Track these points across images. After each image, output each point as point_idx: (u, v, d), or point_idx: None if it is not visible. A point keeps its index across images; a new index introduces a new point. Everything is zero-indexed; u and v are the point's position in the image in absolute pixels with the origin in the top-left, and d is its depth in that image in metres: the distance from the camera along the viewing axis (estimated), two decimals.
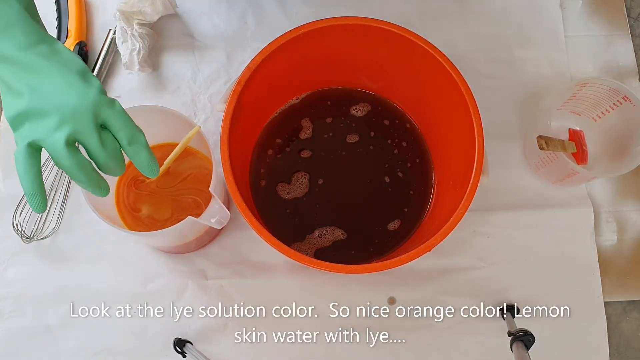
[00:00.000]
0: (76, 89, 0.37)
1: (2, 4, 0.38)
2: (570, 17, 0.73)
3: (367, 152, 0.65)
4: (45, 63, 0.38)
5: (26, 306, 0.62)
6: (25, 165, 0.37)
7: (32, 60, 0.38)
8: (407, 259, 0.49)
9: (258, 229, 0.50)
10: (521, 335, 0.53)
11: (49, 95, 0.37)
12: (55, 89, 0.37)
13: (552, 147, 0.60)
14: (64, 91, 0.37)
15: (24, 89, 0.37)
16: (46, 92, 0.37)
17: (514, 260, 0.64)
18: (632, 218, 0.67)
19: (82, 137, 0.38)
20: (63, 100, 0.37)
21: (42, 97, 0.37)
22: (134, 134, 0.40)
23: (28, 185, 0.37)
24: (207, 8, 0.72)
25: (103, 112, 0.38)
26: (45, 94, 0.37)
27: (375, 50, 0.60)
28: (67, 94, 0.37)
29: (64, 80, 0.38)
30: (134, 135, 0.40)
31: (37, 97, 0.37)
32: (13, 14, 0.38)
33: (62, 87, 0.37)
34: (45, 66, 0.38)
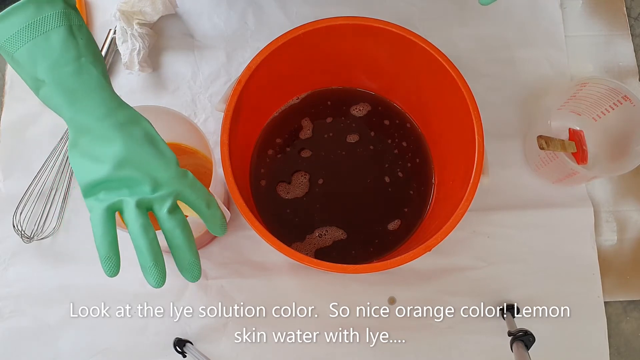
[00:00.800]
0: (156, 161, 0.39)
1: (84, 72, 0.38)
2: (570, 17, 0.73)
3: (367, 152, 0.65)
4: (124, 133, 0.38)
5: (26, 306, 0.62)
6: (104, 230, 0.38)
7: (111, 130, 0.38)
8: (407, 259, 0.49)
9: (258, 228, 0.50)
10: (521, 335, 0.53)
11: (131, 166, 0.38)
12: (138, 161, 0.38)
13: (552, 147, 0.60)
14: (145, 164, 0.38)
15: (106, 157, 0.38)
16: (128, 163, 0.38)
17: (514, 260, 0.64)
18: (632, 218, 0.67)
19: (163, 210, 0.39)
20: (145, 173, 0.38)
21: (125, 167, 0.38)
22: (210, 198, 0.42)
23: (105, 249, 0.38)
24: (207, 8, 0.72)
25: (180, 185, 0.39)
26: (128, 164, 0.38)
27: (375, 50, 0.60)
28: (148, 167, 0.38)
29: (144, 152, 0.38)
30: (210, 200, 0.42)
31: (119, 166, 0.38)
32: (93, 83, 0.38)
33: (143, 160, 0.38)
34: (124, 136, 0.38)
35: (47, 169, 0.65)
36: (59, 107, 0.38)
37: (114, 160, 0.38)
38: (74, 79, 0.37)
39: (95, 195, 0.38)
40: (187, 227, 0.40)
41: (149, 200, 0.38)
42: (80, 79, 0.37)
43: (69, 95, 0.37)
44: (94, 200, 0.38)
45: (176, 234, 0.39)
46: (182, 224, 0.39)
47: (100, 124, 0.38)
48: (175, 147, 0.61)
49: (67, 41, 0.37)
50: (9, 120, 0.68)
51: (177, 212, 0.39)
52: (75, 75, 0.37)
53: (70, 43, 0.37)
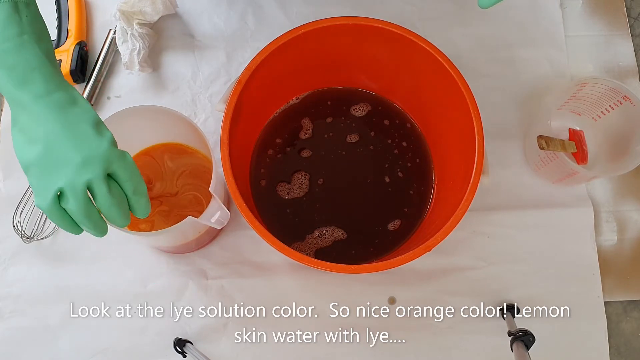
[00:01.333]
0: (89, 141, 0.38)
1: (24, 49, 0.38)
2: (570, 17, 0.73)
3: (367, 152, 0.65)
4: (60, 113, 0.38)
5: (26, 306, 0.62)
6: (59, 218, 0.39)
7: (47, 110, 0.38)
8: (407, 259, 0.49)
9: (258, 228, 0.50)
10: (521, 335, 0.53)
11: (62, 146, 0.38)
12: (69, 140, 0.38)
13: (552, 146, 0.60)
14: (77, 142, 0.38)
15: (38, 137, 0.38)
16: (59, 142, 0.38)
17: (514, 260, 0.64)
18: (632, 218, 0.67)
19: (93, 185, 0.38)
20: (76, 151, 0.38)
21: (56, 147, 0.38)
22: (139, 184, 0.41)
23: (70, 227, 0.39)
24: (207, 8, 0.72)
25: (113, 164, 0.39)
26: (59, 144, 0.38)
27: (375, 50, 0.60)
28: (81, 145, 0.38)
29: (78, 131, 0.38)
30: (138, 186, 0.41)
31: (50, 147, 0.38)
32: (34, 61, 0.38)
33: (75, 138, 0.38)
34: (59, 116, 0.38)
35: None
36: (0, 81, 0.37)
37: (46, 141, 0.37)
38: (14, 55, 0.37)
39: (32, 173, 0.38)
40: (119, 202, 0.40)
41: (82, 180, 0.38)
42: (21, 57, 0.37)
43: (7, 71, 0.37)
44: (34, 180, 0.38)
45: (107, 210, 0.39)
46: (113, 201, 0.39)
47: (37, 103, 0.38)
48: (176, 147, 0.61)
49: (10, 17, 0.37)
50: (9, 120, 0.68)
51: (108, 188, 0.39)
52: (15, 52, 0.37)
53: (13, 20, 0.37)
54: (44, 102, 0.38)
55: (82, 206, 0.38)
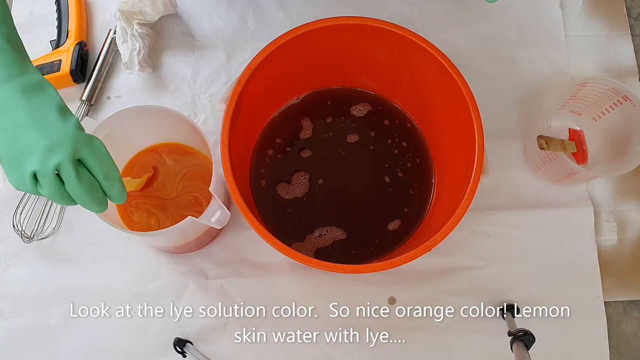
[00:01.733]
0: (54, 126, 0.38)
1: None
2: (570, 17, 0.73)
3: (367, 152, 0.65)
4: (23, 98, 0.37)
5: (26, 306, 0.62)
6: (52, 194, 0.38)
7: (10, 96, 0.37)
8: (407, 259, 0.49)
9: (258, 228, 0.50)
10: (521, 335, 0.53)
11: (27, 133, 0.37)
12: (34, 126, 0.37)
13: (552, 146, 0.60)
14: (42, 128, 0.37)
15: (3, 125, 0.37)
16: (24, 130, 0.37)
17: (514, 260, 0.64)
18: (632, 218, 0.67)
19: (61, 171, 0.38)
20: (42, 137, 0.37)
21: (21, 134, 0.37)
22: (110, 170, 0.41)
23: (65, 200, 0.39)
24: (207, 8, 0.72)
25: (81, 149, 0.39)
26: (24, 131, 0.37)
27: (375, 50, 0.60)
28: (46, 130, 0.37)
29: (43, 117, 0.38)
30: (109, 172, 0.41)
31: (16, 134, 0.37)
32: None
33: (40, 124, 0.37)
34: (23, 102, 0.37)
35: None
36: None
37: (11, 129, 0.37)
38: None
39: (3, 161, 0.38)
40: (89, 188, 0.39)
41: (50, 166, 0.38)
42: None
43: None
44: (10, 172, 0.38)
45: (76, 196, 0.39)
46: (82, 187, 0.39)
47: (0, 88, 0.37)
48: (176, 147, 0.61)
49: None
50: None
51: (76, 174, 0.39)
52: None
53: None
54: (6, 87, 0.37)
55: (55, 190, 0.38)
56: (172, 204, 0.60)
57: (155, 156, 0.61)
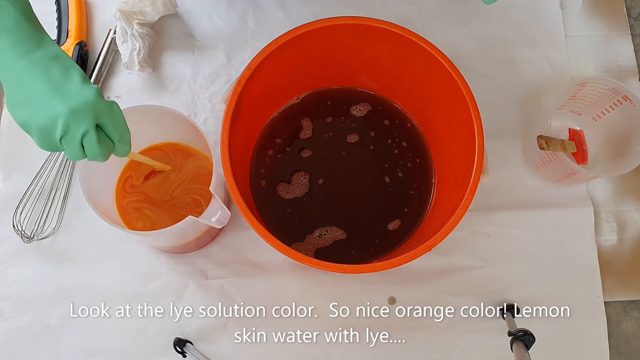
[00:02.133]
0: (77, 94, 0.39)
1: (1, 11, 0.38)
2: (570, 17, 0.73)
3: (367, 152, 0.65)
4: (41, 71, 0.39)
5: (26, 306, 0.62)
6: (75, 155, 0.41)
7: (30, 68, 0.38)
8: (407, 259, 0.49)
9: (258, 228, 0.50)
10: (521, 335, 0.53)
11: (50, 102, 0.38)
12: (56, 95, 0.38)
13: (552, 146, 0.60)
14: (65, 97, 0.39)
15: (26, 97, 0.38)
16: (47, 99, 0.38)
17: (514, 260, 0.64)
18: (632, 218, 0.67)
19: (85, 137, 0.40)
20: (65, 105, 0.38)
21: (45, 104, 0.38)
22: (124, 133, 0.43)
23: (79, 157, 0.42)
24: (207, 8, 0.72)
25: (101, 116, 0.41)
26: (47, 100, 0.38)
27: (375, 50, 0.60)
28: (69, 99, 0.39)
29: (64, 86, 0.39)
30: (123, 135, 0.43)
31: (39, 104, 0.38)
32: (9, 20, 0.38)
33: (62, 94, 0.39)
34: (44, 73, 0.38)
35: (47, 169, 0.65)
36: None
37: (35, 99, 0.38)
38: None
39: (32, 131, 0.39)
40: (106, 150, 0.42)
41: (77, 133, 0.39)
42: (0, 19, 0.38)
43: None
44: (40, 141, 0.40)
45: (92, 153, 0.41)
46: (101, 150, 0.41)
47: (19, 63, 0.38)
48: (176, 146, 0.61)
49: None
50: (9, 120, 0.68)
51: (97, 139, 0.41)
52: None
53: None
54: (24, 62, 0.38)
55: (78, 152, 0.41)
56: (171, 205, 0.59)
57: (157, 154, 0.61)
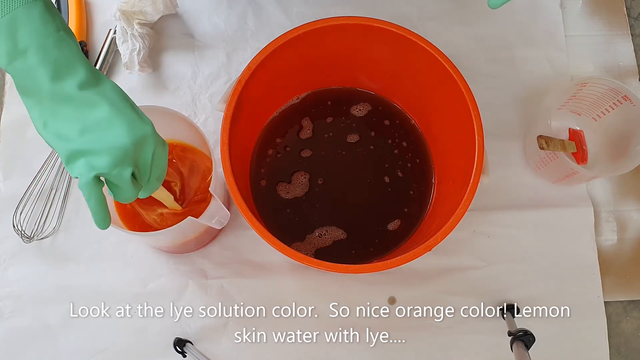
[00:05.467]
0: (138, 125, 0.40)
1: (64, 44, 0.38)
2: (570, 17, 0.73)
3: (367, 152, 0.65)
4: (107, 101, 0.39)
5: (26, 306, 0.62)
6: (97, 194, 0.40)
7: (95, 97, 0.39)
8: (407, 259, 0.49)
9: (258, 228, 0.50)
10: (521, 335, 0.53)
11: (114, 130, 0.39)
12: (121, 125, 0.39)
13: (552, 146, 0.60)
14: (129, 127, 0.39)
15: (90, 125, 0.38)
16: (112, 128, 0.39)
17: (514, 260, 0.64)
18: (632, 218, 0.67)
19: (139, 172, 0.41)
20: (128, 135, 0.39)
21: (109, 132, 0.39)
22: (163, 172, 0.44)
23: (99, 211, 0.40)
24: (207, 8, 0.72)
25: (157, 150, 0.41)
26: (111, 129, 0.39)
27: (375, 50, 0.60)
28: (132, 129, 0.39)
29: (126, 116, 0.39)
30: (162, 173, 0.44)
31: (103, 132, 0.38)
32: (74, 54, 0.39)
33: (126, 123, 0.39)
34: (108, 104, 0.39)
35: (47, 169, 0.65)
36: (39, 78, 0.38)
37: (99, 126, 0.38)
38: (56, 50, 0.38)
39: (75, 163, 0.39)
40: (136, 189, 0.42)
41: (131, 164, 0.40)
42: (62, 51, 0.38)
43: (52, 65, 0.37)
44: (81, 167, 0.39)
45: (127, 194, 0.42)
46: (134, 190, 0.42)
47: (84, 93, 0.38)
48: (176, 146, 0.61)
49: (45, 14, 0.38)
50: (9, 120, 0.68)
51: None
52: (57, 47, 0.38)
53: (48, 16, 0.38)
54: (91, 91, 0.39)
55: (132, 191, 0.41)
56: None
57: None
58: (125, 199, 0.42)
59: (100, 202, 0.40)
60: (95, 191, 0.40)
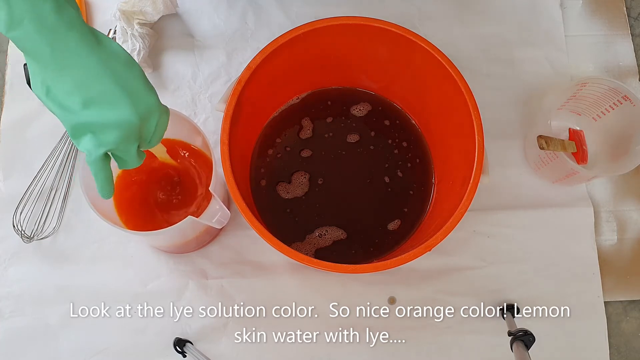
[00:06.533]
0: (142, 100, 0.40)
1: (62, 9, 0.37)
2: (570, 17, 0.73)
3: (367, 151, 0.66)
4: (107, 72, 0.38)
5: (26, 306, 0.62)
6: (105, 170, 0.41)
7: (95, 69, 0.38)
8: (407, 258, 0.49)
9: (258, 228, 0.50)
10: (521, 335, 0.53)
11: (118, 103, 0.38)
12: (124, 96, 0.39)
13: (552, 146, 0.60)
14: (132, 99, 0.39)
15: (86, 98, 0.38)
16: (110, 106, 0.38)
17: (514, 260, 0.64)
18: (632, 218, 0.67)
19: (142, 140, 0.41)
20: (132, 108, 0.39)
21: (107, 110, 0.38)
22: (164, 132, 0.44)
23: (105, 185, 0.42)
24: (207, 8, 0.72)
25: (161, 119, 0.42)
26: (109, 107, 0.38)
27: (375, 50, 0.60)
28: (136, 101, 0.39)
29: (131, 91, 0.39)
30: (163, 133, 0.44)
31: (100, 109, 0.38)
32: (73, 20, 0.38)
33: (130, 94, 0.39)
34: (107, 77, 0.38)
35: (47, 169, 0.65)
36: (37, 45, 0.37)
37: (102, 98, 0.38)
38: (54, 16, 0.37)
39: (83, 137, 0.39)
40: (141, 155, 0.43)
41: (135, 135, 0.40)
42: (61, 17, 0.37)
43: (50, 32, 0.37)
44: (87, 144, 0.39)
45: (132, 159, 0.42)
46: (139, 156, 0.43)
47: (85, 61, 0.38)
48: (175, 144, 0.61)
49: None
50: (9, 120, 0.68)
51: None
52: (55, 13, 0.37)
53: None
54: (93, 59, 0.38)
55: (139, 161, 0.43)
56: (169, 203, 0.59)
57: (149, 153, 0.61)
58: (128, 166, 0.43)
59: (107, 178, 0.41)
60: (104, 167, 0.40)
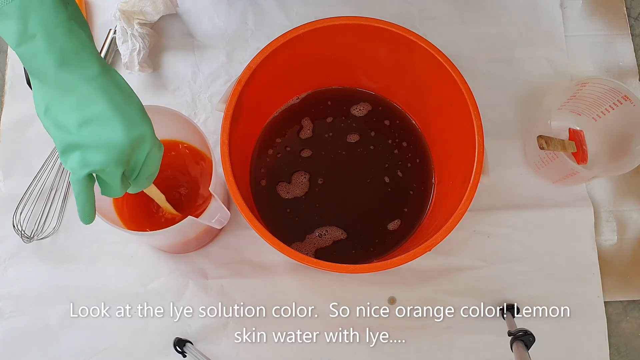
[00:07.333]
0: (137, 125, 0.40)
1: (73, 32, 0.38)
2: (570, 17, 0.73)
3: (367, 151, 0.65)
4: (105, 97, 0.39)
5: (26, 306, 0.62)
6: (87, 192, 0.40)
7: (98, 91, 0.39)
8: (407, 259, 0.49)
9: (258, 228, 0.50)
10: (521, 335, 0.53)
11: (112, 126, 0.38)
12: (119, 121, 0.39)
13: (552, 146, 0.60)
14: (127, 125, 0.39)
15: (90, 117, 0.38)
16: (110, 123, 0.38)
17: (514, 260, 0.64)
18: (632, 218, 0.67)
19: (129, 170, 0.41)
20: (125, 134, 0.39)
21: (106, 126, 0.38)
22: (155, 172, 0.43)
23: (85, 207, 0.41)
24: (207, 8, 0.72)
25: (152, 152, 0.41)
26: (109, 124, 0.38)
27: (375, 50, 0.60)
28: (129, 128, 0.39)
29: (126, 114, 0.39)
30: (154, 173, 0.43)
31: (101, 126, 0.38)
32: (82, 45, 0.39)
33: (126, 121, 0.39)
34: (108, 98, 0.39)
35: (47, 169, 0.65)
36: (44, 64, 0.38)
37: (98, 120, 0.38)
38: (65, 39, 0.37)
39: (70, 156, 0.39)
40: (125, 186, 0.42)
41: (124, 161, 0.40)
42: (71, 41, 0.38)
43: (59, 54, 0.37)
44: (74, 162, 0.39)
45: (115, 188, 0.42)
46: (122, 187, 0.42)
47: (89, 84, 0.38)
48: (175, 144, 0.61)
49: (58, 2, 0.38)
50: (9, 120, 0.68)
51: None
52: (66, 36, 0.38)
53: (60, 5, 0.38)
54: (95, 83, 0.38)
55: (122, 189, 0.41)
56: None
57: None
58: (111, 194, 0.42)
59: (88, 200, 0.40)
60: (86, 189, 0.40)
